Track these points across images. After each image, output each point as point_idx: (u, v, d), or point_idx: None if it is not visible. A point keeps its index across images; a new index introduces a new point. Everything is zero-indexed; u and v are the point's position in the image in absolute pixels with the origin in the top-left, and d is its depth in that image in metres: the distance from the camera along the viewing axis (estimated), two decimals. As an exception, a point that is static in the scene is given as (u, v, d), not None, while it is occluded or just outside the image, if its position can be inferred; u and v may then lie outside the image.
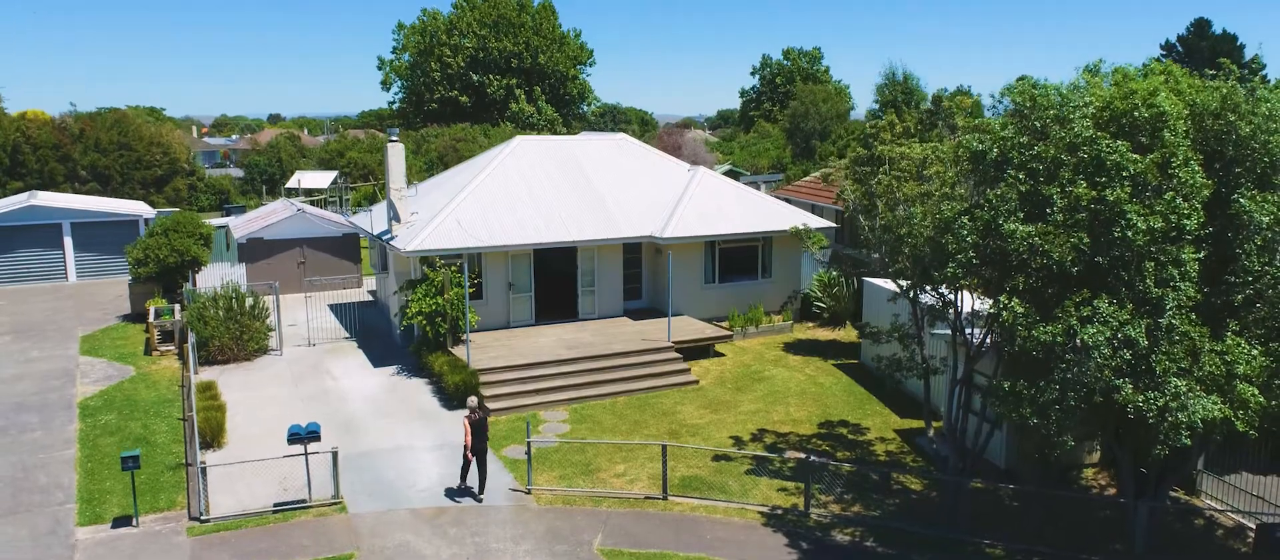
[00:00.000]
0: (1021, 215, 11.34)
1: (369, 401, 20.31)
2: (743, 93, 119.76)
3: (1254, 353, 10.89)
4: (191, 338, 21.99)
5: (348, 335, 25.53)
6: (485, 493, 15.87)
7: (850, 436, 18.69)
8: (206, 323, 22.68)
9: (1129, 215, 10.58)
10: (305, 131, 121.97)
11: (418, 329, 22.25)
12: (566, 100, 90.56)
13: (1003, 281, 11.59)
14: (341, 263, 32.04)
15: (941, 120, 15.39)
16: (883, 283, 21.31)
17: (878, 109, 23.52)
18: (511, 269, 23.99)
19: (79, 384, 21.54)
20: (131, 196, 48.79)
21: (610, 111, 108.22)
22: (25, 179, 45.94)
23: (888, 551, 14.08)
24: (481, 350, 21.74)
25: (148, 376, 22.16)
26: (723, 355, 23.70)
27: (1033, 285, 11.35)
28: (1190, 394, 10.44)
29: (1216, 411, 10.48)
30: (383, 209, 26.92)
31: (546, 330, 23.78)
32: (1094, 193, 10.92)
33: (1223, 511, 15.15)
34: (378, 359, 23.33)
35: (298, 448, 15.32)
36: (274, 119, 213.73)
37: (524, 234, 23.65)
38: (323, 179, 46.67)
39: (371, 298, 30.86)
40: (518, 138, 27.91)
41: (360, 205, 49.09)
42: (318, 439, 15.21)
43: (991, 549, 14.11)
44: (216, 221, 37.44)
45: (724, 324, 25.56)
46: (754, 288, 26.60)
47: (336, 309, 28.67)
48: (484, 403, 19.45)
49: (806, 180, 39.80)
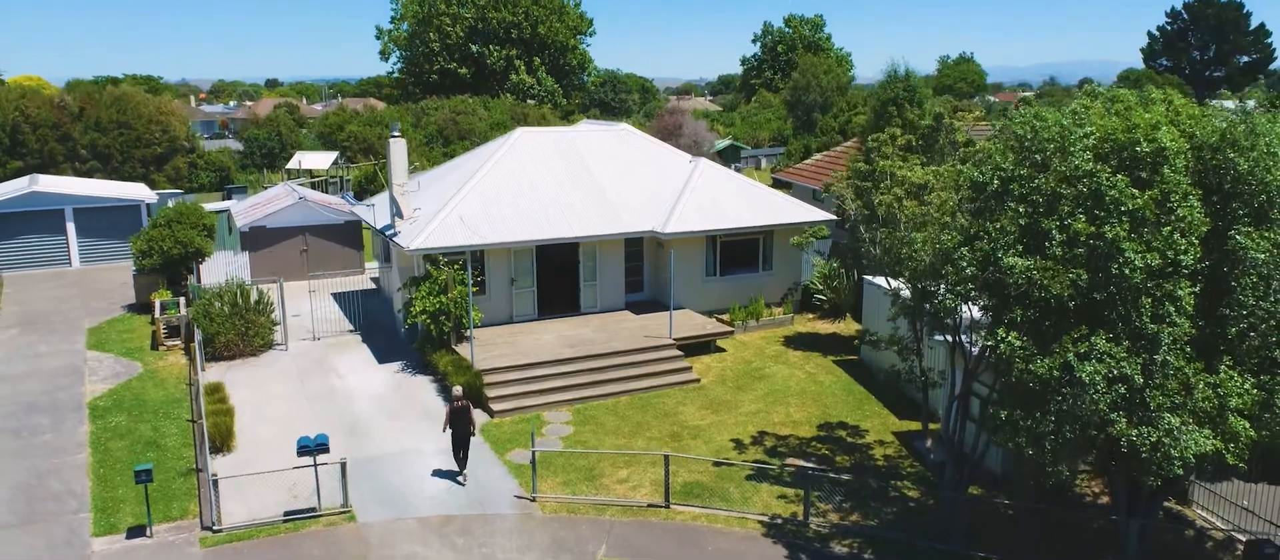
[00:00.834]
0: (1020, 248, 11.49)
1: (375, 401, 20.58)
2: (744, 61, 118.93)
3: (1246, 386, 11.10)
4: (198, 335, 22.22)
5: (352, 328, 25.74)
6: (487, 499, 16.20)
7: (849, 439, 18.98)
8: (212, 319, 22.89)
9: (1126, 252, 10.73)
10: (304, 100, 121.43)
11: (422, 327, 22.45)
12: (566, 71, 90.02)
13: (1001, 313, 11.77)
14: (345, 250, 32.17)
15: (943, 136, 15.47)
16: (883, 281, 21.45)
17: (880, 106, 23.48)
18: (514, 264, 24.14)
19: (88, 382, 21.80)
20: (132, 175, 48.80)
21: (610, 80, 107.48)
22: (25, 158, 45.92)
23: (885, 563, 14.43)
24: (485, 348, 21.96)
25: (155, 374, 22.41)
26: (724, 350, 23.95)
27: (1030, 317, 11.53)
28: (1183, 429, 10.68)
29: (1208, 446, 10.73)
30: (385, 199, 26.97)
31: (549, 326, 24.00)
32: (1093, 228, 11.06)
33: (1213, 523, 15.47)
34: (382, 354, 23.56)
35: (307, 459, 15.59)
36: (271, 84, 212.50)
37: (526, 230, 23.77)
38: (324, 160, 46.59)
39: (374, 285, 31.06)
40: (519, 129, 27.89)
41: (361, 183, 49.06)
42: (326, 451, 15.50)
43: (986, 560, 14.47)
44: (218, 206, 37.52)
45: (724, 317, 25.77)
46: (755, 280, 26.77)
47: (340, 298, 28.84)
48: (479, 398, 19.75)
49: (808, 163, 39.80)
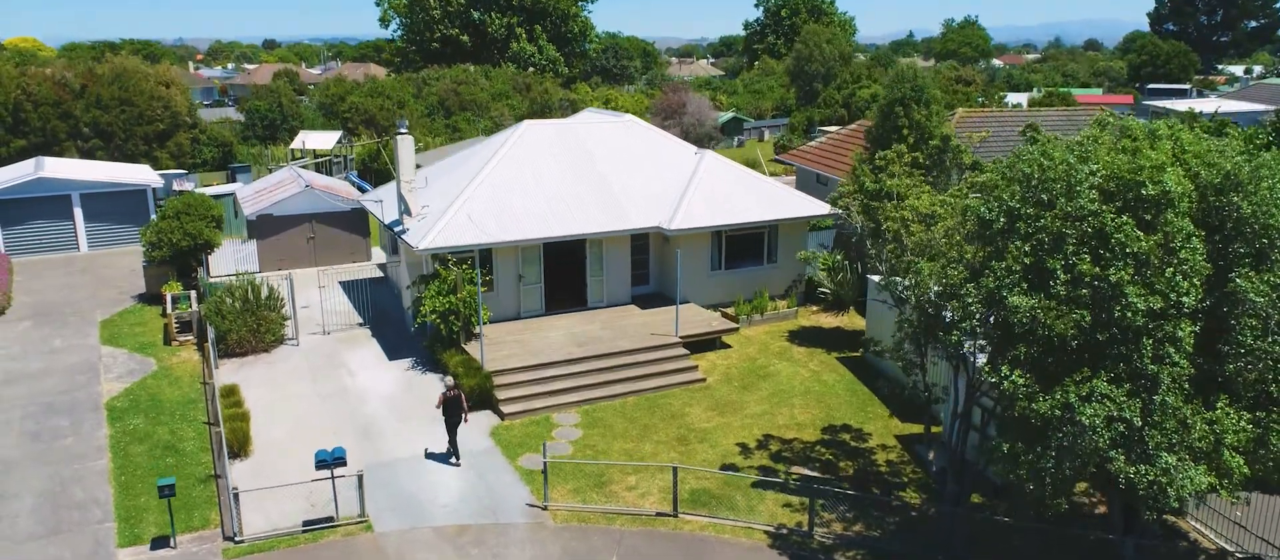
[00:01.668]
0: (1025, 286, 11.73)
1: (386, 402, 20.95)
2: (746, 25, 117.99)
3: (1242, 423, 11.43)
4: (211, 333, 22.54)
5: (361, 322, 26.05)
6: (500, 507, 16.64)
7: (852, 443, 19.39)
8: (224, 317, 23.19)
9: (1129, 296, 10.99)
10: (303, 65, 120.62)
11: (431, 325, 22.75)
12: (568, 38, 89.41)
13: (1005, 349, 12.06)
14: (351, 237, 32.40)
15: (949, 157, 15.63)
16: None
17: (886, 107, 23.55)
18: (521, 261, 24.38)
19: (103, 381, 22.16)
20: (134, 152, 48.79)
21: (612, 46, 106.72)
22: (28, 137, 45.90)
23: (887, 575, 14.89)
24: (494, 347, 22.29)
25: (169, 371, 22.77)
26: (729, 347, 24.28)
27: (1033, 354, 11.82)
28: (1180, 467, 11.02)
29: (1203, 483, 11.08)
30: (392, 189, 27.09)
31: (556, 322, 24.31)
32: (1097, 269, 11.31)
33: (1206, 537, 15.90)
34: (392, 350, 23.90)
35: (325, 471, 15.98)
36: (269, 46, 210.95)
37: (534, 227, 23.98)
38: (327, 140, 46.59)
39: (381, 272, 31.34)
40: (526, 122, 27.94)
41: (365, 161, 49.08)
42: (344, 463, 15.89)
43: (986, 572, 14.92)
44: (223, 190, 37.68)
45: (729, 311, 26.08)
46: (759, 273, 27.03)
47: (348, 287, 29.12)
48: (489, 399, 20.15)
49: (812, 145, 39.80)
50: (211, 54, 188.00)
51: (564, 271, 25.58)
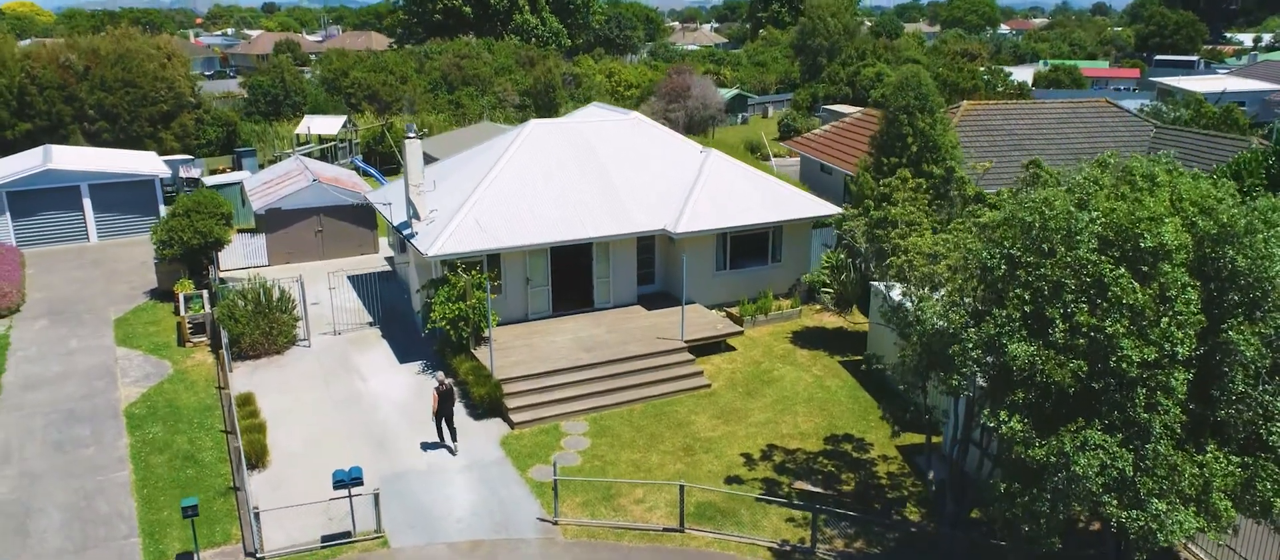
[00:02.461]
0: (1025, 333, 12.08)
1: (398, 408, 21.42)
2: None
3: (1231, 467, 11.83)
4: (225, 337, 22.97)
5: (371, 321, 26.44)
6: (511, 522, 17.16)
7: (854, 454, 19.86)
8: (236, 320, 23.59)
9: (1124, 349, 11.33)
10: (304, 32, 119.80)
11: (441, 330, 23.13)
12: (571, 9, 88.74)
13: (1003, 393, 12.44)
14: (359, 230, 32.70)
15: (953, 189, 15.87)
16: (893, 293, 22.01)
17: (891, 114, 23.69)
18: (529, 264, 24.71)
19: (121, 385, 22.62)
20: (140, 134, 48.92)
21: (614, 15, 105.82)
22: (34, 120, 46.04)
23: (887, 594, 15.42)
24: (503, 352, 22.71)
25: (185, 375, 23.23)
26: (734, 349, 24.69)
27: (1031, 399, 12.19)
28: (1169, 513, 11.45)
29: (1193, 528, 11.51)
30: (400, 189, 27.31)
31: (564, 324, 24.69)
32: (1094, 319, 11.64)
33: (1198, 557, 16.41)
34: (403, 353, 24.32)
35: (342, 488, 16.46)
36: (269, 9, 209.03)
37: (541, 232, 24.28)
38: (332, 124, 46.70)
39: (388, 265, 31.70)
40: (532, 122, 28.07)
41: (369, 144, 49.18)
42: (360, 484, 16.37)
43: (982, 591, 15.46)
44: (230, 179, 37.89)
45: (733, 310, 26.45)
46: (764, 273, 27.35)
47: (356, 282, 29.45)
48: (499, 407, 20.61)
49: (817, 133, 39.88)
50: (211, 18, 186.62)
51: (571, 273, 25.90)
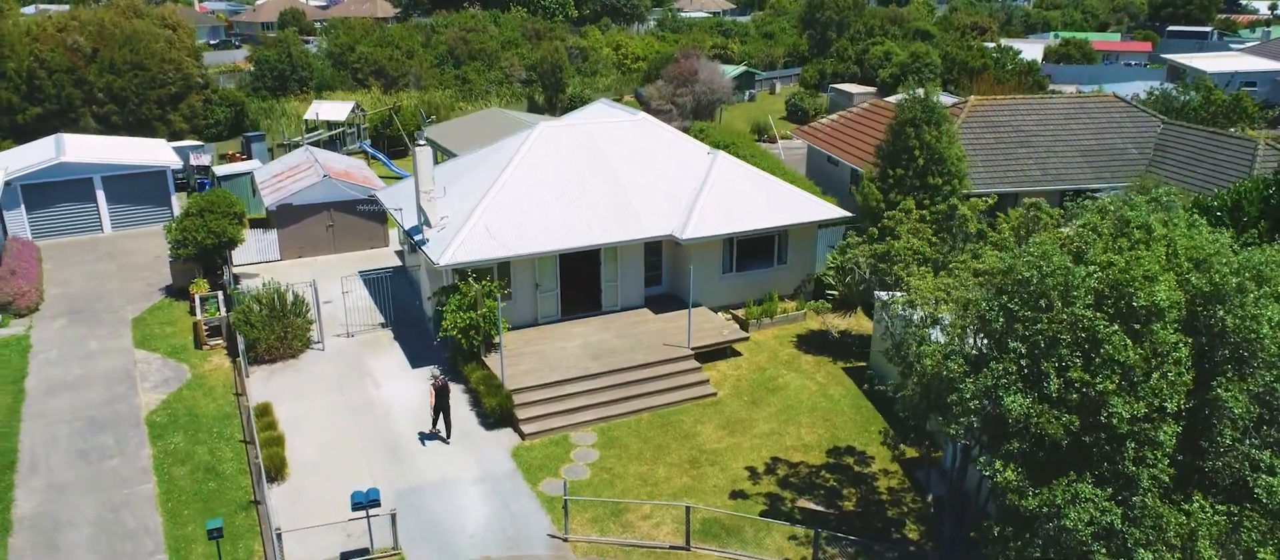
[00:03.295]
0: (1021, 386, 12.50)
1: (412, 416, 21.98)
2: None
3: (1217, 516, 12.30)
4: (242, 343, 23.51)
5: (383, 322, 26.93)
6: (523, 538, 17.77)
7: (856, 467, 20.40)
8: (252, 325, 24.10)
9: (1114, 405, 11.76)
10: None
11: (452, 338, 23.59)
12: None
13: (999, 442, 12.89)
14: (369, 224, 33.09)
15: (955, 226, 16.17)
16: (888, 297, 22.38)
17: (897, 127, 23.87)
18: (538, 270, 25.11)
19: (141, 391, 23.21)
20: (149, 116, 49.17)
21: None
22: (44, 104, 46.27)
23: (885, 615, 16.03)
24: (513, 360, 23.20)
25: (203, 380, 23.81)
26: (740, 354, 25.15)
27: (1025, 449, 12.65)
28: (1156, 564, 11.97)
29: (1178, 578, 12.04)
30: (409, 189, 27.60)
31: (572, 329, 25.15)
32: (1086, 376, 12.04)
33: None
34: (415, 357, 24.83)
35: (360, 511, 17.07)
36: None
37: (550, 239, 24.64)
38: (341, 110, 46.86)
39: (398, 259, 32.15)
40: (542, 124, 28.29)
41: (377, 128, 49.32)
42: (378, 505, 16.96)
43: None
44: (241, 168, 38.16)
45: (739, 312, 26.87)
46: (769, 275, 27.71)
47: (367, 277, 29.86)
48: (510, 418, 21.18)
49: (825, 122, 39.93)
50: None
51: (580, 277, 26.29)
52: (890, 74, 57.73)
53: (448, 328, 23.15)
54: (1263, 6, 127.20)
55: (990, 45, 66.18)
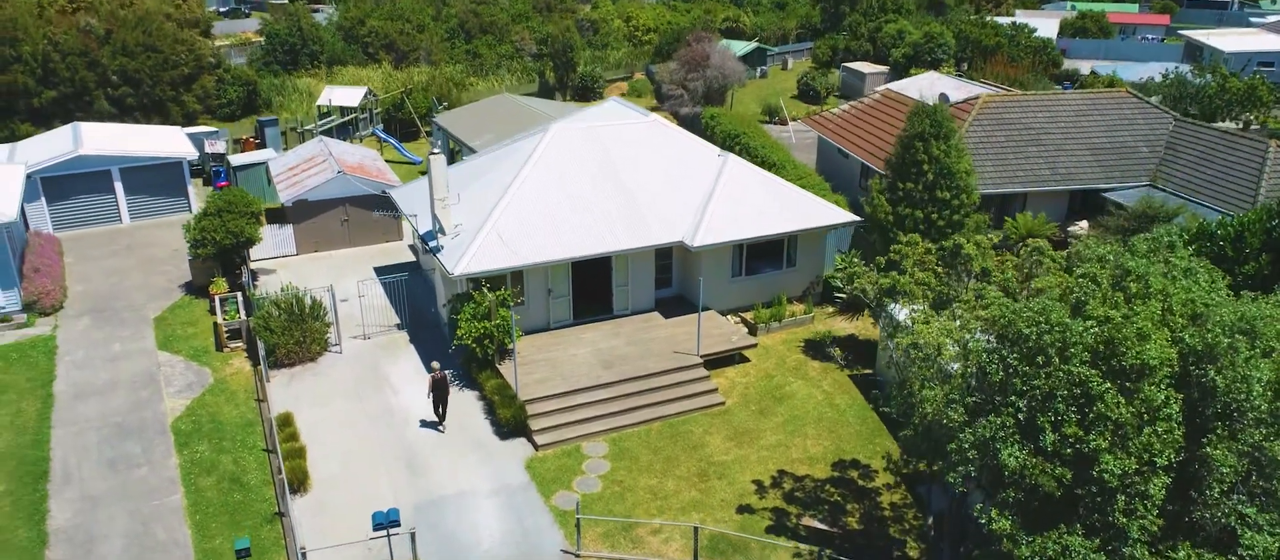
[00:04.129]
0: (1017, 438, 12.95)
1: (428, 427, 22.61)
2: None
3: (1203, 564, 12.80)
4: (262, 348, 24.13)
5: (399, 323, 27.49)
6: (536, 553, 18.51)
7: (860, 481, 20.97)
8: (272, 330, 24.70)
9: (1105, 462, 12.21)
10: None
11: (467, 346, 24.13)
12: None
13: (995, 490, 13.38)
14: (382, 219, 33.53)
15: (960, 264, 16.49)
16: (901, 313, 22.71)
17: (906, 141, 24.05)
18: (550, 276, 25.56)
19: (165, 396, 23.90)
20: (163, 97, 49.48)
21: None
22: (59, 87, 46.63)
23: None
24: (526, 368, 23.76)
25: (225, 385, 24.48)
26: (748, 360, 25.64)
27: (1019, 499, 13.14)
28: (1143, 613, 12.49)
29: (1165, 626, 12.58)
30: (423, 191, 27.96)
31: (584, 335, 25.67)
32: (1080, 431, 12.48)
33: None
34: (431, 362, 25.31)
35: (380, 528, 17.75)
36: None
37: (563, 247, 25.05)
38: (353, 96, 47.03)
39: (412, 253, 32.65)
40: (555, 126, 28.53)
41: (389, 111, 49.49)
42: (397, 526, 17.64)
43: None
44: (256, 158, 38.57)
45: (748, 315, 27.31)
46: (778, 277, 28.09)
47: (382, 273, 30.38)
48: (523, 428, 21.80)
49: (836, 113, 39.93)
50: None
51: (591, 282, 26.72)
52: (903, 54, 57.33)
53: (462, 336, 23.70)
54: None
55: (1005, 21, 65.51)
